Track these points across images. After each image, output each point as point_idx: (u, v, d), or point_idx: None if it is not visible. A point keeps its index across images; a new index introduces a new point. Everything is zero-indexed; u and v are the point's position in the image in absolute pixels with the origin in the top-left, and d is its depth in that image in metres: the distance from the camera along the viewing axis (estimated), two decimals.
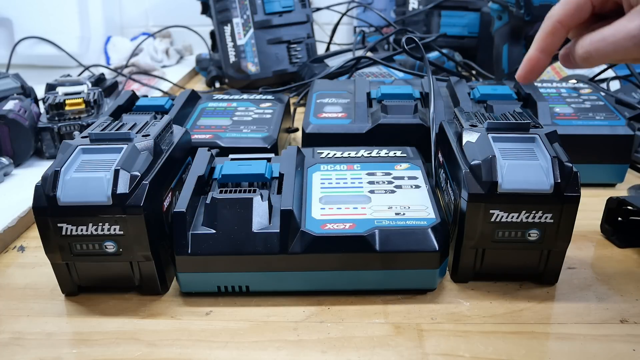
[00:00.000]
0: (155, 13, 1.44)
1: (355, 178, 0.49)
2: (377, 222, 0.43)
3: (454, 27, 1.11)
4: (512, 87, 0.67)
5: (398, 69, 0.87)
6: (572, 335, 0.40)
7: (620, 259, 0.50)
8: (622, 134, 0.61)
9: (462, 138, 0.46)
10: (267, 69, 1.01)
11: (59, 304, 0.44)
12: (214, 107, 0.70)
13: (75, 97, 0.71)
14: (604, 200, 0.53)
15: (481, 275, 0.45)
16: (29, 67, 1.12)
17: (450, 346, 0.39)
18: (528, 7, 0.86)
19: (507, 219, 0.42)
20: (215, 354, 0.39)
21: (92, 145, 0.43)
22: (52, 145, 0.71)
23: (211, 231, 0.42)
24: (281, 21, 1.01)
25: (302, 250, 0.42)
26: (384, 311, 0.43)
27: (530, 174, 0.41)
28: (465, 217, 0.42)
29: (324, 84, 0.75)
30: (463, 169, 0.42)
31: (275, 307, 0.43)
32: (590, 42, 0.36)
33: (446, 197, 0.49)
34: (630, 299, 0.44)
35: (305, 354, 0.39)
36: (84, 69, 1.04)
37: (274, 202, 0.44)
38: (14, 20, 1.21)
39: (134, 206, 0.40)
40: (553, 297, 0.44)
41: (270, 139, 0.61)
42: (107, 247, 0.41)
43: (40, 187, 0.40)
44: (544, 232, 0.42)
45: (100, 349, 0.39)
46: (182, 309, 0.44)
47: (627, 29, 0.34)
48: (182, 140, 0.51)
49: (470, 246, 0.43)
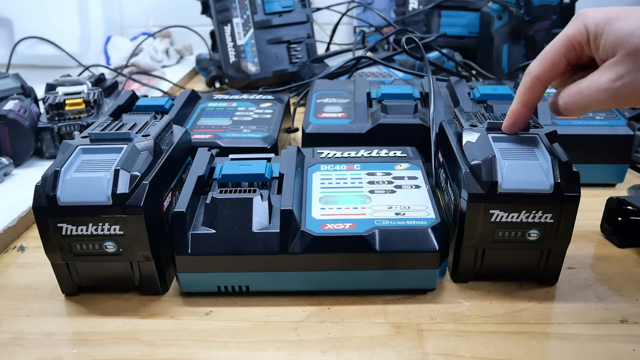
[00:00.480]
0: (155, 13, 1.44)
1: (355, 178, 0.49)
2: (377, 222, 0.43)
3: (454, 27, 1.11)
4: (512, 87, 0.67)
5: (398, 69, 0.87)
6: (572, 335, 0.40)
7: (620, 259, 0.50)
8: (622, 134, 0.61)
9: (462, 138, 0.46)
10: (267, 69, 1.01)
11: (59, 304, 0.44)
12: (214, 107, 0.70)
13: (75, 97, 0.71)
14: (604, 200, 0.53)
15: (481, 275, 0.45)
16: (29, 67, 1.12)
17: (450, 346, 0.39)
18: (528, 7, 0.86)
19: (507, 219, 0.42)
20: (215, 354, 0.39)
21: (92, 145, 0.43)
22: (52, 145, 0.71)
23: (211, 231, 0.42)
24: (281, 21, 1.01)
25: (302, 250, 0.42)
26: (384, 311, 0.43)
27: (530, 174, 0.41)
28: (465, 217, 0.42)
29: (324, 84, 0.75)
30: (463, 169, 0.42)
31: (275, 307, 0.43)
32: (569, 94, 0.38)
33: (446, 197, 0.49)
34: (630, 299, 0.44)
35: (305, 354, 0.39)
36: (84, 69, 1.04)
37: (274, 202, 0.44)
38: (14, 20, 1.21)
39: (134, 206, 0.40)
40: (553, 297, 0.44)
41: (270, 139, 0.61)
42: (107, 247, 0.41)
43: (40, 187, 0.40)
44: (544, 232, 0.42)
45: (100, 349, 0.39)
46: (182, 309, 0.44)
47: (599, 82, 0.36)
48: (182, 140, 0.51)
49: (470, 246, 0.43)
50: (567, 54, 0.39)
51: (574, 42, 0.38)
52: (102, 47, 1.30)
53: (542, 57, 0.40)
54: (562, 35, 0.39)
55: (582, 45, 0.38)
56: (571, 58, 0.39)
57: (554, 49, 0.39)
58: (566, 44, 0.38)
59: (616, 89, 0.35)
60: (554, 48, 0.39)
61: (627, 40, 0.34)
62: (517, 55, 0.92)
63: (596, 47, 0.37)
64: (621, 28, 0.34)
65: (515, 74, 0.91)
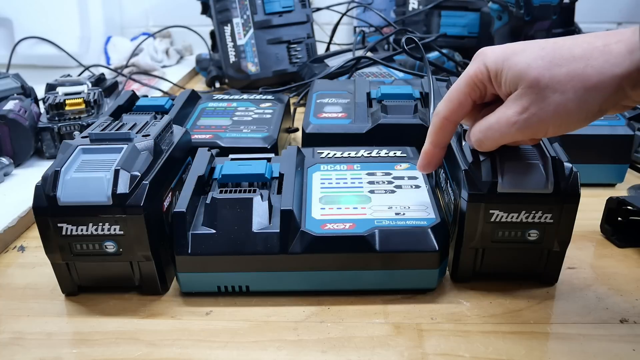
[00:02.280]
0: (155, 13, 1.44)
1: (355, 178, 0.49)
2: (377, 222, 0.43)
3: (454, 27, 1.11)
4: None
5: (398, 69, 0.87)
6: (572, 335, 0.40)
7: (620, 259, 0.50)
8: (622, 134, 0.61)
9: (461, 138, 0.46)
10: (267, 69, 1.01)
11: (59, 304, 0.44)
12: (214, 107, 0.70)
13: (75, 97, 0.71)
14: (604, 200, 0.53)
15: (481, 275, 0.45)
16: (29, 67, 1.12)
17: (450, 346, 0.39)
18: (528, 7, 0.86)
19: (507, 219, 0.42)
20: (215, 354, 0.39)
21: (92, 145, 0.43)
22: (52, 145, 0.71)
23: (211, 231, 0.42)
24: (281, 21, 1.01)
25: (302, 250, 0.42)
26: (384, 311, 0.43)
27: (530, 174, 0.41)
28: (465, 217, 0.42)
29: (324, 84, 0.75)
30: (463, 169, 0.42)
31: (275, 307, 0.43)
32: (479, 130, 0.39)
33: (446, 197, 0.49)
34: (630, 299, 0.44)
35: (305, 354, 0.39)
36: (84, 69, 1.04)
37: (274, 202, 0.44)
38: (14, 20, 1.21)
39: (134, 206, 0.40)
40: (553, 297, 0.44)
41: (270, 139, 0.61)
42: (107, 247, 0.41)
43: (40, 187, 0.40)
44: (543, 232, 0.42)
45: (100, 349, 0.39)
46: (182, 309, 0.44)
47: (507, 115, 0.36)
48: (182, 140, 0.51)
49: (470, 246, 0.43)
50: (472, 93, 0.39)
51: (476, 81, 0.39)
52: (102, 47, 1.30)
53: (449, 98, 0.41)
54: (465, 75, 0.39)
55: (484, 84, 0.38)
56: (476, 97, 0.40)
57: (459, 89, 0.40)
58: (469, 84, 0.39)
59: (524, 121, 0.36)
60: (459, 88, 0.40)
61: (526, 73, 0.35)
62: None
63: (498, 84, 0.37)
64: (519, 62, 0.35)
65: None
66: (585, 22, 1.14)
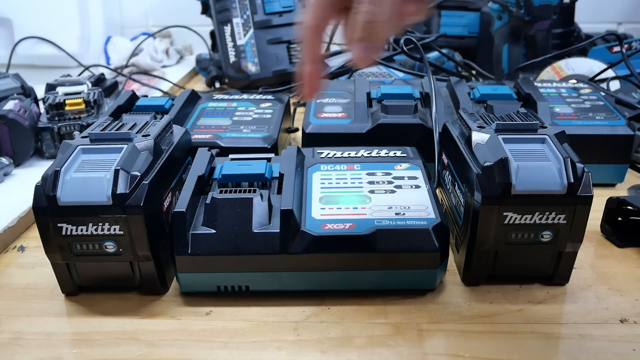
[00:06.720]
0: (155, 13, 1.44)
1: (355, 178, 0.49)
2: (377, 222, 0.43)
3: (454, 27, 1.11)
4: (512, 87, 0.67)
5: (398, 69, 0.87)
6: (572, 335, 0.40)
7: (620, 259, 0.50)
8: (622, 134, 0.61)
9: (471, 139, 0.45)
10: (267, 69, 1.01)
11: (59, 304, 0.44)
12: (214, 107, 0.70)
13: (75, 97, 0.71)
14: (604, 200, 0.53)
15: (493, 278, 0.45)
16: (29, 67, 1.12)
17: (450, 346, 0.39)
18: (528, 7, 0.86)
19: (521, 220, 0.41)
20: (215, 354, 0.39)
21: (92, 145, 0.43)
22: (52, 145, 0.71)
23: (211, 231, 0.42)
24: (281, 21, 1.01)
25: (302, 250, 0.42)
26: (384, 311, 0.43)
27: (543, 174, 0.40)
28: (478, 220, 0.41)
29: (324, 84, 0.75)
30: (475, 171, 0.42)
31: (275, 307, 0.43)
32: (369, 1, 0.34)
33: (453, 199, 0.49)
34: (630, 299, 0.44)
35: (305, 354, 0.39)
36: (84, 69, 1.04)
37: (274, 202, 0.44)
38: (14, 20, 1.21)
39: (134, 206, 0.40)
40: (553, 297, 0.44)
41: (270, 139, 0.61)
42: (107, 247, 0.41)
43: (40, 187, 0.40)
44: (557, 233, 0.42)
45: (100, 349, 0.39)
46: (182, 309, 0.44)
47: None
48: (182, 140, 0.51)
49: (483, 249, 0.43)
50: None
51: None
52: (102, 47, 1.30)
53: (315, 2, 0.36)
54: None
55: None
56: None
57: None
58: None
59: None
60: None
61: None
62: (517, 55, 0.92)
63: None
64: None
65: (516, 74, 0.91)
66: (585, 22, 1.14)
